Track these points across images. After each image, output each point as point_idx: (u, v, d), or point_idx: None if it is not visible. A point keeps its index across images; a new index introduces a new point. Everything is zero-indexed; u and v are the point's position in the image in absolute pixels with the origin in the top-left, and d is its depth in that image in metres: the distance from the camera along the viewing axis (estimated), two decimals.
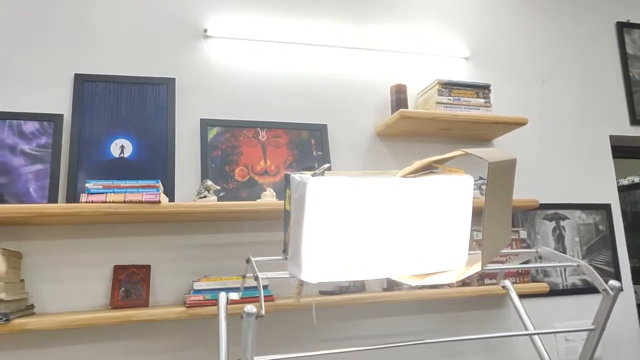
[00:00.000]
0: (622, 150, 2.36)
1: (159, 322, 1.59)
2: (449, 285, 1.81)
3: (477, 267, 0.95)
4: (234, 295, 1.37)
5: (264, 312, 0.92)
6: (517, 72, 2.25)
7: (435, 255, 1.00)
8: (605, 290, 1.11)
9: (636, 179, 2.88)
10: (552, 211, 2.13)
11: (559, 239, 2.11)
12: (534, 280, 2.01)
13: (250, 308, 0.94)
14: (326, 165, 0.99)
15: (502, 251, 1.31)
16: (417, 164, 1.00)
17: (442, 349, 1.88)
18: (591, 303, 2.08)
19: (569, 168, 2.21)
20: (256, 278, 0.98)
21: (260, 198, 1.72)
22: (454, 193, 1.01)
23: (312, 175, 0.98)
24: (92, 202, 1.46)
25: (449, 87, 1.95)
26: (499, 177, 0.92)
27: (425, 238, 0.99)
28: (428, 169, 1.02)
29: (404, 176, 1.00)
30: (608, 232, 2.18)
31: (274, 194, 1.72)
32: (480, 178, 1.88)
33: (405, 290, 1.77)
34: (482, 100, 1.97)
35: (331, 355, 1.73)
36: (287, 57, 1.98)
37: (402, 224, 0.98)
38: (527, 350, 1.92)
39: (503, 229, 0.99)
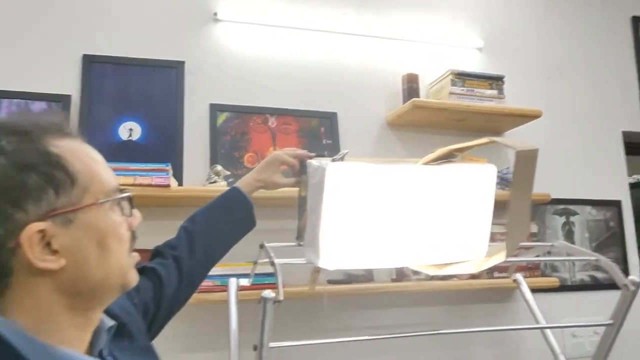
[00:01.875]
0: (635, 146, 2.33)
1: None
2: (457, 277, 1.79)
3: (500, 257, 0.93)
4: (244, 281, 1.35)
5: (282, 297, 0.90)
6: (531, 64, 2.22)
7: (455, 245, 0.98)
8: (625, 285, 1.09)
9: None
10: (562, 206, 2.11)
11: (569, 234, 2.09)
12: (542, 275, 1.99)
13: (268, 293, 0.92)
14: (345, 151, 0.97)
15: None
16: (440, 151, 0.97)
17: (450, 342, 1.86)
18: (599, 299, 2.06)
19: (580, 163, 2.19)
20: (272, 263, 0.96)
21: None
22: (476, 182, 0.98)
23: (332, 161, 0.96)
24: None
25: (462, 77, 1.92)
26: (524, 166, 0.90)
27: (446, 227, 0.97)
28: (450, 157, 0.99)
29: (426, 164, 0.98)
30: (618, 229, 2.16)
31: None
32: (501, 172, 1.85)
33: (413, 281, 1.75)
34: (496, 92, 1.94)
35: (341, 343, 1.71)
36: (298, 43, 1.94)
37: (422, 213, 0.96)
38: (535, 345, 1.90)
39: (525, 219, 0.97)
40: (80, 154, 0.65)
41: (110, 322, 0.72)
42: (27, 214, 0.58)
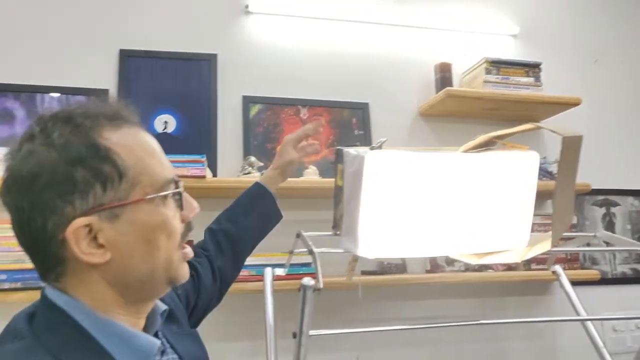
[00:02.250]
0: None
1: None
2: (493, 268, 1.77)
3: (545, 246, 0.91)
4: (280, 271, 1.35)
5: (321, 285, 0.90)
6: (569, 50, 2.15)
7: (496, 234, 0.96)
8: None
9: None
10: (602, 197, 2.04)
11: (609, 226, 2.03)
12: (581, 268, 1.93)
13: (308, 280, 0.92)
14: (384, 139, 0.96)
15: None
16: (480, 138, 0.95)
17: (485, 335, 1.83)
18: None
19: (621, 152, 2.12)
20: (311, 252, 0.96)
21: (302, 176, 1.70)
22: (518, 169, 0.96)
23: (370, 149, 0.95)
24: None
25: (497, 65, 1.88)
26: (570, 153, 0.88)
27: (486, 216, 0.95)
28: (491, 144, 0.97)
29: (466, 151, 0.96)
30: None
31: (317, 172, 1.70)
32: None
33: (448, 273, 1.73)
34: (532, 80, 1.89)
35: (375, 334, 1.71)
36: (329, 34, 1.93)
37: (463, 201, 0.94)
38: (573, 339, 1.85)
39: (569, 207, 0.94)
40: (134, 146, 0.63)
41: (163, 307, 0.73)
42: (75, 208, 0.59)
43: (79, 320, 0.61)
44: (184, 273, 0.68)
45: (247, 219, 1.14)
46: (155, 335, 0.70)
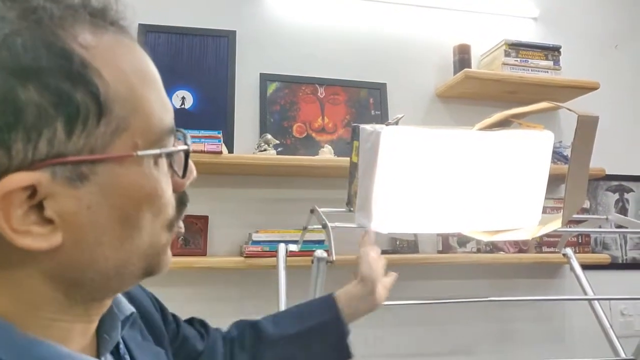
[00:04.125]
0: None
1: (217, 271, 1.63)
2: (504, 250, 1.78)
3: (556, 225, 0.92)
4: (293, 247, 1.38)
5: (334, 258, 0.92)
6: (589, 34, 2.13)
7: (509, 212, 0.98)
8: None
9: None
10: (616, 183, 2.04)
11: (622, 211, 2.03)
12: (592, 252, 1.94)
13: (320, 253, 0.95)
14: (401, 115, 0.97)
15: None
16: (496, 116, 0.96)
17: (494, 315, 1.85)
18: None
19: (637, 139, 2.10)
20: (324, 226, 0.99)
21: (318, 155, 1.72)
22: (532, 149, 0.97)
23: (386, 125, 0.96)
24: None
25: (516, 47, 1.86)
26: (585, 132, 0.88)
27: (500, 193, 0.96)
28: (507, 123, 0.98)
29: (482, 129, 0.97)
30: None
31: (332, 151, 1.71)
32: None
33: (459, 253, 1.75)
34: (551, 63, 1.88)
35: (386, 313, 1.73)
36: (348, 13, 1.93)
37: (477, 178, 0.95)
38: (583, 321, 1.87)
39: (582, 187, 0.95)
40: (126, 66, 0.39)
41: (128, 309, 0.50)
42: (10, 155, 0.35)
43: None
44: (167, 261, 0.46)
45: (294, 335, 0.79)
46: (117, 348, 0.49)
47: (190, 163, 0.45)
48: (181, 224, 0.47)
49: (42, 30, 0.35)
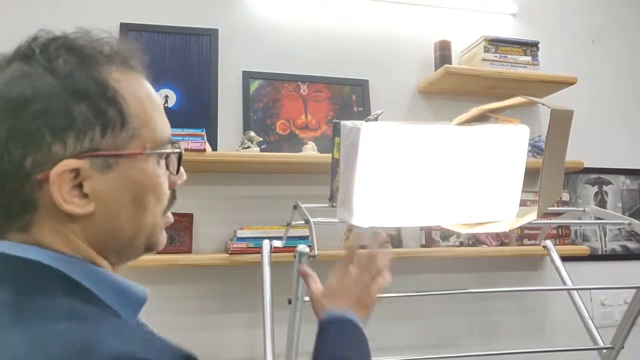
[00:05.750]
0: None
1: (202, 268, 1.63)
2: (486, 244, 1.81)
3: (531, 216, 0.94)
4: (277, 243, 1.40)
5: (316, 253, 0.93)
6: (567, 29, 2.16)
7: (486, 205, 1.00)
8: None
9: None
10: (595, 175, 2.08)
11: (601, 204, 2.07)
12: (572, 244, 1.98)
13: (303, 248, 0.96)
14: (380, 112, 0.98)
15: (548, 209, 1.29)
16: (473, 111, 0.98)
17: (476, 309, 1.88)
18: (631, 270, 2.05)
19: (615, 131, 2.14)
20: (307, 221, 1.00)
21: (301, 152, 1.73)
22: (509, 142, 0.99)
23: (366, 121, 0.98)
24: None
25: (495, 43, 1.89)
26: (559, 126, 0.90)
27: (478, 187, 0.98)
28: (484, 118, 1.00)
29: (459, 124, 0.99)
30: None
31: (315, 147, 1.72)
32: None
33: (442, 247, 1.77)
34: (530, 58, 1.91)
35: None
36: (330, 10, 1.94)
37: (455, 172, 0.97)
38: (564, 313, 1.91)
39: (557, 180, 0.97)
40: (141, 94, 0.57)
41: (142, 290, 0.61)
42: (65, 147, 0.51)
43: (70, 274, 0.52)
44: (163, 240, 0.62)
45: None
46: None
47: (182, 167, 0.62)
48: (170, 214, 0.63)
49: (90, 69, 0.54)
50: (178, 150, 0.61)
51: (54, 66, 0.52)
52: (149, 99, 0.58)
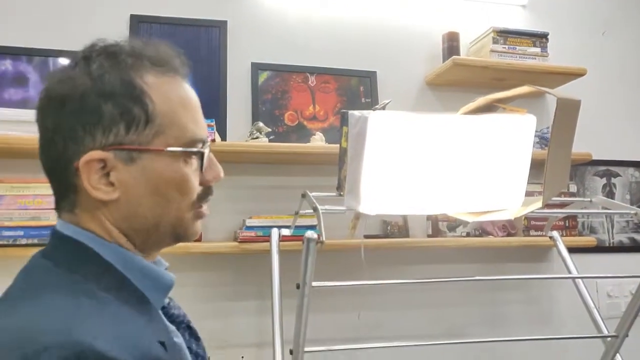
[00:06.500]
0: None
1: (212, 255, 1.66)
2: (493, 234, 1.82)
3: (537, 205, 0.95)
4: (286, 232, 1.41)
5: (324, 239, 0.95)
6: (577, 20, 2.15)
7: (493, 193, 1.01)
8: None
9: None
10: (603, 167, 2.08)
11: (609, 196, 2.07)
12: (579, 235, 1.98)
13: (311, 234, 0.98)
14: (387, 101, 1.00)
15: (555, 199, 1.30)
16: (480, 100, 0.99)
17: (482, 299, 1.90)
18: (638, 261, 2.05)
19: (624, 124, 2.14)
20: (315, 209, 1.02)
21: (309, 142, 1.74)
22: (515, 132, 1.00)
23: (373, 110, 0.99)
24: None
25: (504, 35, 1.89)
26: (565, 116, 0.91)
27: (484, 176, 1.00)
28: (491, 108, 1.01)
29: (466, 113, 1.00)
30: None
31: (323, 138, 1.74)
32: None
33: (449, 237, 1.78)
34: (539, 50, 1.90)
35: (377, 296, 1.78)
36: (338, 2, 1.94)
37: (462, 161, 0.98)
38: (570, 305, 1.91)
39: (563, 170, 0.98)
40: (172, 97, 0.63)
41: (169, 275, 0.70)
42: (94, 140, 0.59)
43: (102, 254, 0.61)
44: (195, 231, 0.68)
45: None
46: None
47: (216, 166, 0.69)
48: (205, 208, 0.68)
49: (121, 71, 0.61)
50: (197, 149, 0.64)
51: (90, 70, 0.61)
52: (181, 101, 0.64)
